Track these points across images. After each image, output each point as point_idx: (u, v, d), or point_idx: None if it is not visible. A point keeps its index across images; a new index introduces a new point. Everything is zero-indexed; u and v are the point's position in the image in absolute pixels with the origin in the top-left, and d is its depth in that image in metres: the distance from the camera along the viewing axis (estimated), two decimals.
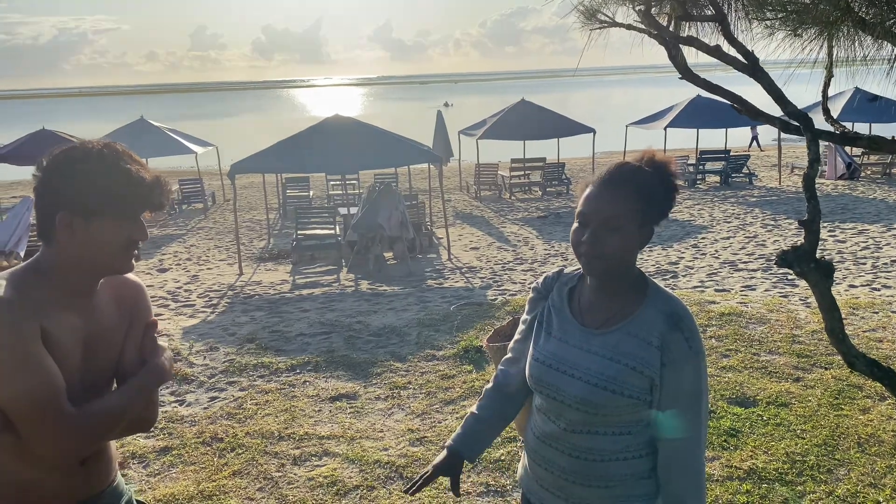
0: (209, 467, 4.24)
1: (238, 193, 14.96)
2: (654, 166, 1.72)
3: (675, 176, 1.74)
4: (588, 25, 2.69)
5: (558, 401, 1.78)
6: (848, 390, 4.83)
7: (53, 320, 1.64)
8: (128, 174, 1.64)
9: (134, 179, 1.65)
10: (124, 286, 1.86)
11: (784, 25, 2.64)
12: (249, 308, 8.39)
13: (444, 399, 5.12)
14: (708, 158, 18.75)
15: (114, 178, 1.63)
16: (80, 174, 1.62)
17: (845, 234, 11.44)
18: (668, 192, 1.73)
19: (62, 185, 1.62)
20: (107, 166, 1.63)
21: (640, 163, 1.73)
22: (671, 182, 1.73)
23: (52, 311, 1.64)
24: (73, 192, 1.61)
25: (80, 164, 1.62)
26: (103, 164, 1.63)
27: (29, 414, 1.55)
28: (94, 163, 1.63)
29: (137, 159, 1.71)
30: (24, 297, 1.61)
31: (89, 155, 1.63)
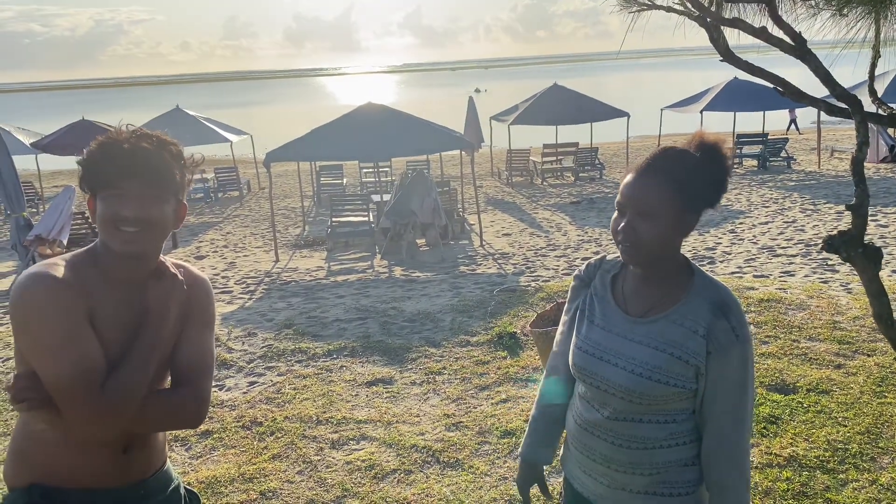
0: (249, 451, 4.33)
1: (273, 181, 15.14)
2: (704, 149, 1.66)
3: (725, 158, 1.67)
4: (627, 8, 2.65)
5: (602, 390, 1.77)
6: (892, 378, 4.73)
7: (103, 301, 1.69)
8: (104, 149, 1.67)
9: (114, 155, 1.66)
10: (187, 281, 1.85)
11: (829, 5, 2.58)
12: (286, 294, 8.49)
13: (478, 385, 5.14)
14: (745, 142, 18.39)
15: (98, 157, 1.68)
16: (83, 159, 1.70)
17: (888, 218, 11.16)
18: (717, 177, 1.68)
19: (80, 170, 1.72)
20: (100, 147, 1.69)
21: (688, 146, 1.68)
22: (722, 166, 1.67)
23: (101, 293, 1.69)
24: (81, 175, 1.71)
25: (88, 150, 1.71)
26: (99, 145, 1.69)
27: (69, 390, 1.59)
28: (93, 147, 1.70)
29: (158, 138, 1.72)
30: (75, 276, 1.66)
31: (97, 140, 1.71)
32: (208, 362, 1.83)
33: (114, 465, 1.77)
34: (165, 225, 1.73)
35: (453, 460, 4.07)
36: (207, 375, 1.81)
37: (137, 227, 1.66)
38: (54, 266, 1.66)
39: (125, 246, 1.67)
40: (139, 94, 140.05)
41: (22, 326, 1.61)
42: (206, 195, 17.95)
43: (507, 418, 4.54)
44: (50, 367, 1.59)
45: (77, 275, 1.66)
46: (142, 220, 1.66)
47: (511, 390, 5.00)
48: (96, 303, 1.67)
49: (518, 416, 4.54)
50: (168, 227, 1.75)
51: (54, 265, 1.66)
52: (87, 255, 1.74)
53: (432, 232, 10.98)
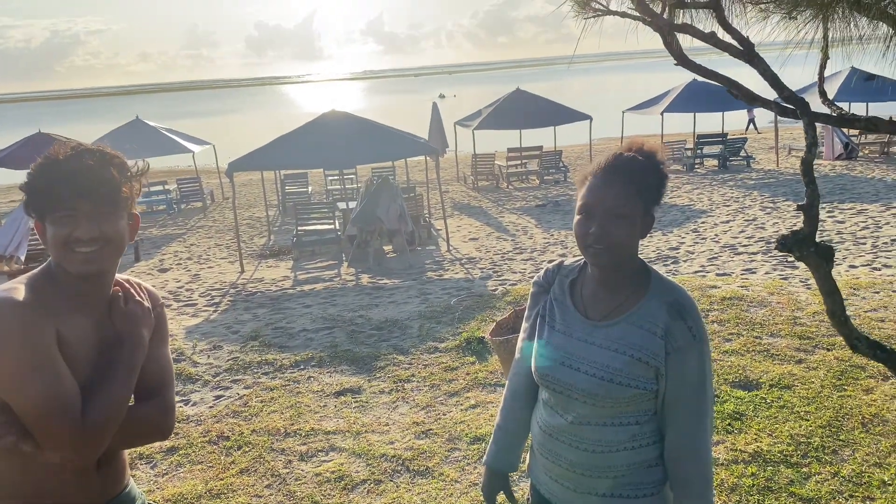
0: (216, 466, 4.26)
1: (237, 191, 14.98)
2: (645, 155, 1.74)
3: (665, 163, 1.76)
4: (582, 14, 2.68)
5: (565, 395, 1.78)
6: (851, 371, 4.84)
7: (67, 323, 1.65)
8: (55, 172, 1.61)
9: (60, 176, 1.61)
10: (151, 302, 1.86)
11: (778, 9, 2.64)
12: (252, 305, 8.40)
13: (448, 391, 5.14)
14: (705, 142, 18.72)
15: (42, 179, 1.62)
16: (27, 182, 1.64)
17: (844, 214, 11.43)
18: (661, 179, 1.75)
19: (24, 194, 1.66)
20: (42, 168, 1.63)
21: (632, 152, 1.74)
22: (662, 169, 1.75)
23: (65, 313, 1.66)
24: (27, 199, 1.65)
25: (30, 171, 1.65)
26: (41, 166, 1.64)
27: (44, 418, 1.55)
28: (36, 168, 1.64)
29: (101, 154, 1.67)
30: (40, 300, 1.62)
31: (39, 161, 1.65)
32: (170, 373, 1.86)
33: (87, 483, 1.75)
34: (122, 240, 1.71)
35: (423, 468, 4.06)
36: (171, 386, 1.84)
37: (93, 247, 1.64)
38: (15, 290, 1.61)
39: (82, 266, 1.64)
40: (98, 105, 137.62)
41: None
42: (168, 206, 17.69)
43: (476, 424, 4.54)
44: (22, 396, 1.55)
45: (39, 298, 1.62)
46: (97, 240, 1.64)
47: (480, 395, 5.00)
48: (62, 325, 1.63)
49: (487, 421, 4.54)
50: (124, 242, 1.73)
51: (14, 289, 1.61)
52: (43, 276, 1.69)
53: (399, 238, 10.96)
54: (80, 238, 1.62)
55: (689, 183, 16.31)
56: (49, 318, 1.61)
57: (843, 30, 2.67)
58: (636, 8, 2.54)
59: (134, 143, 15.46)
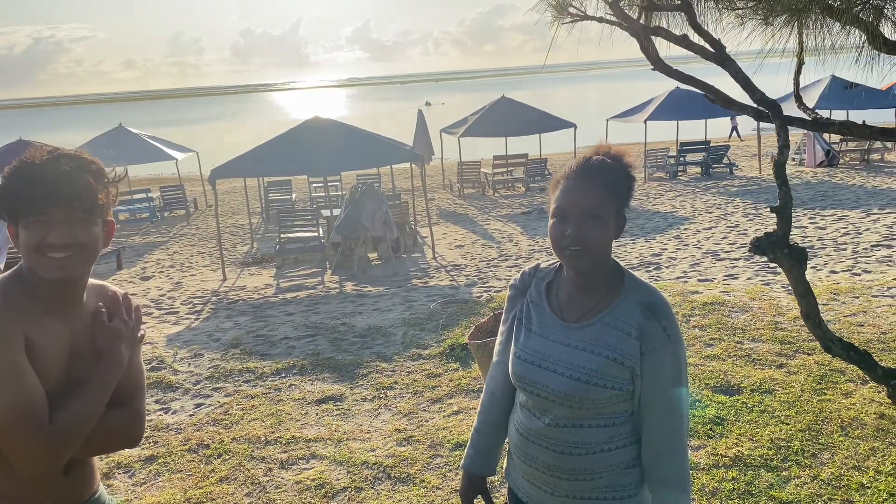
0: (196, 474, 4.21)
1: (220, 199, 14.91)
2: (613, 158, 1.76)
3: (632, 166, 1.79)
4: (560, 19, 2.69)
5: (542, 397, 1.78)
6: (830, 375, 4.87)
7: (38, 328, 1.63)
8: (30, 177, 1.59)
9: (35, 181, 1.59)
10: (105, 296, 1.84)
11: (754, 14, 2.66)
12: (234, 313, 8.34)
13: (430, 398, 5.12)
14: (688, 150, 18.86)
15: (17, 183, 1.60)
16: (1, 182, 1.63)
17: (825, 220, 11.54)
18: (630, 181, 1.78)
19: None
20: (17, 171, 1.61)
21: (601, 156, 1.77)
22: (630, 171, 1.78)
23: (36, 318, 1.63)
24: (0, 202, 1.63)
25: (4, 174, 1.63)
26: (15, 170, 1.62)
27: (9, 426, 1.53)
28: (10, 171, 1.62)
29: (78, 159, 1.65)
30: (9, 305, 1.59)
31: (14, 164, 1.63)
32: (141, 381, 1.83)
33: (56, 488, 1.72)
34: (95, 247, 1.69)
35: (405, 475, 4.03)
36: (142, 394, 1.82)
37: (66, 252, 1.61)
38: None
39: (55, 272, 1.62)
40: (81, 112, 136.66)
41: None
42: (151, 214, 17.57)
43: (458, 430, 4.52)
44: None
45: (9, 302, 1.60)
46: (70, 246, 1.61)
47: (463, 402, 4.98)
48: (32, 330, 1.60)
49: (470, 427, 4.52)
50: (98, 248, 1.70)
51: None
52: (14, 279, 1.66)
53: (384, 245, 10.94)
54: (54, 244, 1.59)
55: (672, 190, 16.41)
56: (18, 323, 1.58)
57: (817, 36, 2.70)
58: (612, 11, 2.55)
59: (113, 149, 15.34)
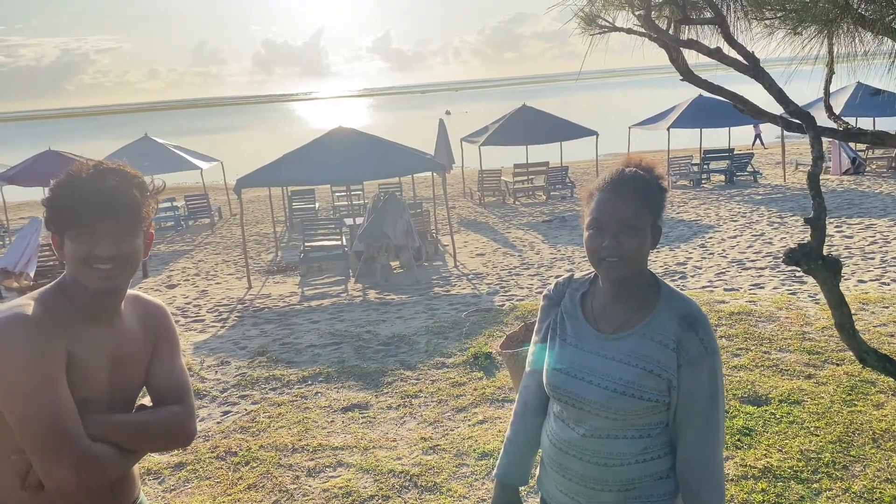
0: (224, 482, 4.26)
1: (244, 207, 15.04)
2: (646, 169, 1.78)
3: (663, 178, 1.81)
4: (588, 31, 2.71)
5: (577, 407, 1.79)
6: (861, 386, 4.81)
7: (80, 340, 1.66)
8: (79, 191, 1.64)
9: (83, 194, 1.64)
10: (148, 308, 1.89)
11: (783, 24, 2.66)
12: (259, 321, 8.42)
13: (455, 406, 5.13)
14: (712, 158, 18.73)
15: (66, 196, 1.65)
16: (49, 197, 1.68)
17: (852, 229, 11.40)
18: (663, 192, 1.80)
19: (45, 208, 1.69)
20: (66, 185, 1.66)
21: (633, 167, 1.78)
22: (662, 182, 1.80)
23: (78, 330, 1.67)
24: (48, 214, 1.68)
25: (53, 187, 1.68)
26: (64, 184, 1.67)
27: (45, 437, 1.55)
28: (59, 184, 1.68)
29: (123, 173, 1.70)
30: (52, 318, 1.63)
31: (62, 177, 1.68)
32: (188, 381, 1.91)
33: (100, 495, 1.75)
34: (138, 258, 1.75)
35: (431, 484, 4.04)
36: (191, 392, 1.90)
37: (111, 265, 1.66)
38: (26, 307, 1.62)
39: (101, 283, 1.67)
40: (107, 122, 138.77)
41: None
42: (176, 223, 17.78)
43: (484, 439, 4.53)
44: (24, 415, 1.54)
45: (52, 316, 1.63)
46: (115, 258, 1.66)
47: (488, 411, 4.99)
48: (73, 342, 1.64)
49: (495, 436, 4.53)
50: (140, 259, 1.76)
51: (26, 306, 1.62)
52: (57, 292, 1.70)
53: (406, 254, 10.98)
54: (100, 256, 1.65)
55: (696, 198, 16.30)
56: (60, 336, 1.62)
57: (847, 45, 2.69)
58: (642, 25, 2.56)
59: (146, 160, 15.58)
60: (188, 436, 1.83)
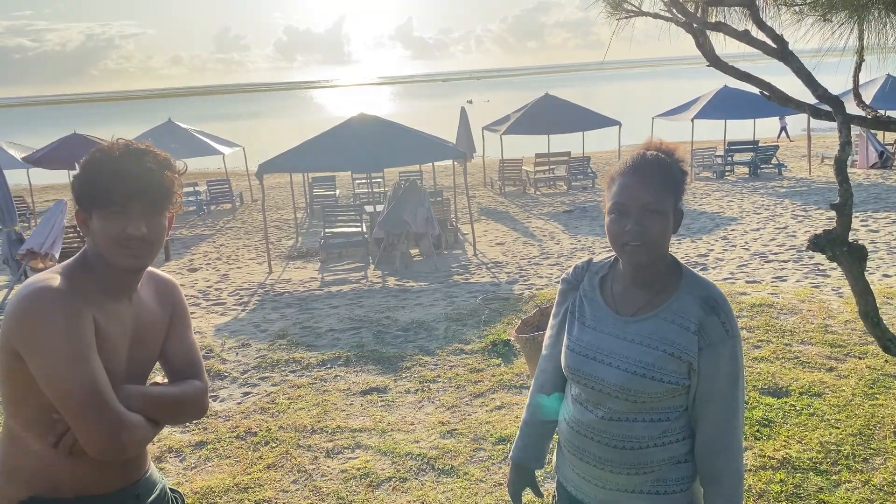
0: (244, 461, 4.32)
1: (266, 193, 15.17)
2: (666, 153, 1.78)
3: (684, 161, 1.81)
4: (615, 15, 2.69)
5: (596, 390, 1.79)
6: (883, 380, 4.77)
7: (103, 312, 1.70)
8: (113, 170, 1.67)
9: (118, 174, 1.67)
10: (161, 283, 1.94)
11: (813, 11, 2.62)
12: (280, 305, 8.49)
13: (473, 392, 5.15)
14: (736, 149, 18.52)
15: (100, 174, 1.68)
16: (81, 172, 1.71)
17: (878, 223, 11.24)
18: (683, 175, 1.79)
19: (75, 183, 1.72)
20: (99, 163, 1.69)
21: (654, 151, 1.78)
22: (682, 166, 1.80)
23: (101, 303, 1.70)
24: (78, 189, 1.70)
25: (84, 163, 1.71)
26: (97, 161, 1.70)
27: (84, 403, 1.58)
28: (91, 161, 1.70)
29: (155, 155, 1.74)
30: (78, 288, 1.67)
31: (94, 154, 1.71)
32: (200, 356, 1.98)
33: (111, 468, 1.78)
34: (163, 238, 1.80)
35: (448, 467, 4.07)
36: (203, 367, 1.98)
37: (142, 244, 1.71)
38: (52, 279, 1.65)
39: (129, 261, 1.71)
40: (131, 107, 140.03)
41: (29, 341, 1.58)
42: (198, 208, 17.94)
43: (501, 425, 4.54)
44: (64, 381, 1.57)
45: (77, 286, 1.67)
46: (145, 237, 1.71)
47: (506, 397, 5.00)
48: (98, 313, 1.68)
49: (513, 422, 4.54)
50: (164, 239, 1.81)
51: (52, 278, 1.65)
52: (80, 266, 1.73)
53: (426, 242, 11.00)
54: (133, 235, 1.68)
55: (720, 190, 16.15)
56: (87, 306, 1.65)
57: (878, 33, 2.65)
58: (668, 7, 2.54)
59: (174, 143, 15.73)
60: (205, 410, 1.91)
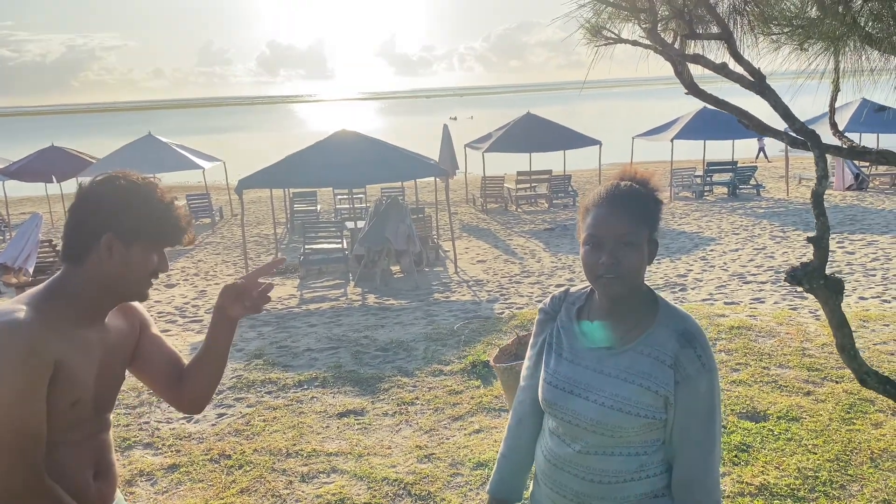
0: (217, 485, 4.23)
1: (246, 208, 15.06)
2: (641, 182, 1.77)
3: (659, 189, 1.80)
4: (594, 42, 2.69)
5: (573, 424, 1.76)
6: (860, 404, 4.78)
7: (72, 345, 1.66)
8: (168, 208, 1.77)
9: (172, 214, 1.77)
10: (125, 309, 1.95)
11: (790, 40, 2.64)
12: (257, 323, 8.39)
13: (452, 415, 5.10)
14: (715, 170, 18.71)
15: (156, 210, 1.74)
16: (131, 202, 1.72)
17: (854, 245, 11.38)
18: (658, 205, 1.78)
19: (113, 209, 1.70)
20: (151, 198, 1.75)
21: (628, 181, 1.77)
22: (658, 195, 1.78)
23: (72, 335, 1.67)
24: (124, 217, 1.70)
25: (131, 193, 1.72)
26: (148, 195, 1.75)
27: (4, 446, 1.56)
28: (142, 194, 1.74)
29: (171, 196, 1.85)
30: (46, 324, 1.62)
31: (137, 186, 1.75)
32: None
33: (85, 494, 1.74)
34: None
35: (425, 493, 4.01)
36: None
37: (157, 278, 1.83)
38: (20, 311, 1.61)
39: (145, 293, 1.80)
40: (111, 120, 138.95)
41: None
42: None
43: (480, 449, 4.50)
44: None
45: (46, 322, 1.63)
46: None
47: (484, 420, 4.96)
48: (66, 349, 1.64)
49: (491, 446, 4.50)
50: None
51: (19, 310, 1.61)
52: (55, 294, 1.69)
53: (406, 259, 10.96)
54: (162, 272, 1.81)
55: (699, 210, 16.28)
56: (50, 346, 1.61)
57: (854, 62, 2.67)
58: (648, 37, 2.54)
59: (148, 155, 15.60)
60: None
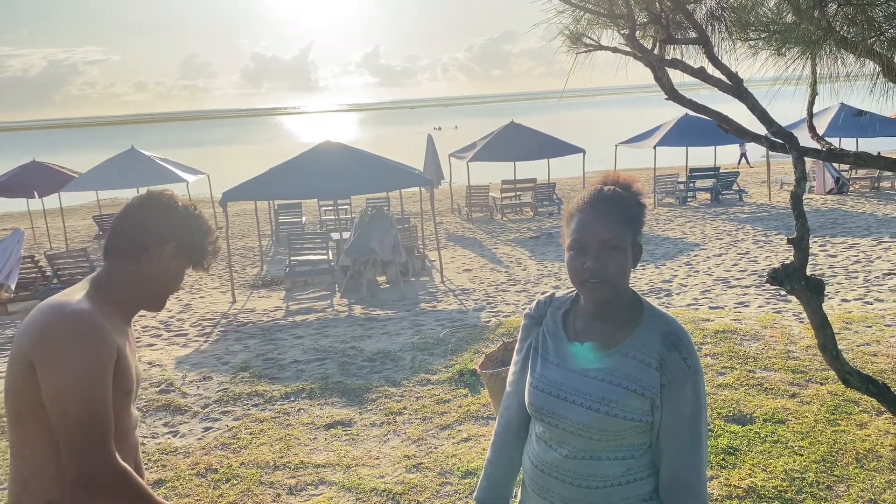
0: (204, 499, 4.19)
1: (230, 221, 15.02)
2: (624, 187, 1.78)
3: (642, 194, 1.81)
4: (574, 49, 2.71)
5: (560, 428, 1.76)
6: (844, 405, 4.82)
7: (124, 341, 1.79)
8: (214, 236, 1.97)
9: (215, 243, 1.98)
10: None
11: (767, 45, 2.68)
12: (243, 336, 8.34)
13: (439, 424, 5.08)
14: (698, 176, 18.85)
15: (207, 234, 1.94)
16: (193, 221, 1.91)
17: (836, 248, 11.49)
18: (642, 209, 1.79)
19: (180, 222, 1.88)
20: (204, 223, 1.95)
21: (611, 186, 1.78)
22: (641, 199, 1.79)
23: (121, 329, 1.80)
24: (187, 232, 1.88)
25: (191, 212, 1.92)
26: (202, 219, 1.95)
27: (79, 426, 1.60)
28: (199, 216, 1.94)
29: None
30: (105, 315, 1.74)
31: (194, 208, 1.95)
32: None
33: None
34: None
35: (414, 503, 3.99)
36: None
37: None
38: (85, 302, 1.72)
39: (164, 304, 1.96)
40: (94, 134, 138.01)
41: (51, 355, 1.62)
42: None
43: (468, 458, 4.49)
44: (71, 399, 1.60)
45: (106, 314, 1.75)
46: None
47: (472, 429, 4.95)
48: (121, 341, 1.76)
49: (480, 454, 4.49)
50: None
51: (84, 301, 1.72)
52: (103, 295, 1.79)
53: (392, 269, 10.95)
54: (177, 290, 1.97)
55: (682, 216, 16.40)
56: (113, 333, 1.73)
57: (830, 66, 2.71)
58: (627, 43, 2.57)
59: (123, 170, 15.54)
60: None
